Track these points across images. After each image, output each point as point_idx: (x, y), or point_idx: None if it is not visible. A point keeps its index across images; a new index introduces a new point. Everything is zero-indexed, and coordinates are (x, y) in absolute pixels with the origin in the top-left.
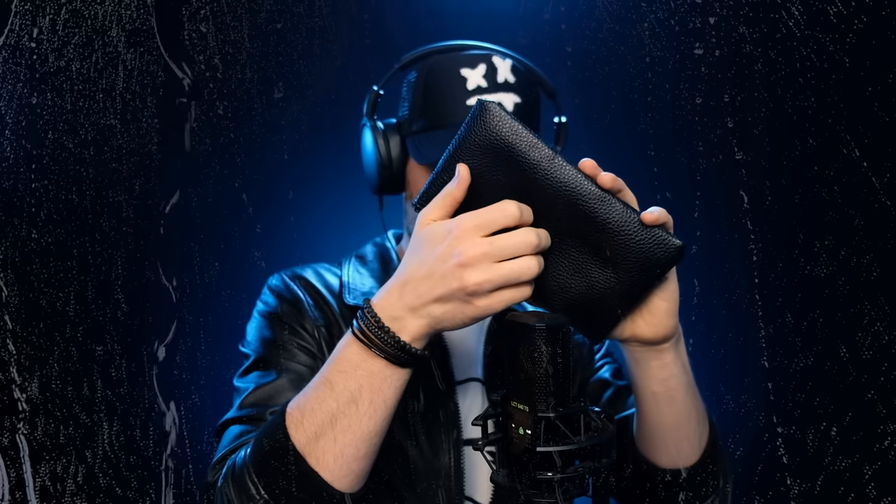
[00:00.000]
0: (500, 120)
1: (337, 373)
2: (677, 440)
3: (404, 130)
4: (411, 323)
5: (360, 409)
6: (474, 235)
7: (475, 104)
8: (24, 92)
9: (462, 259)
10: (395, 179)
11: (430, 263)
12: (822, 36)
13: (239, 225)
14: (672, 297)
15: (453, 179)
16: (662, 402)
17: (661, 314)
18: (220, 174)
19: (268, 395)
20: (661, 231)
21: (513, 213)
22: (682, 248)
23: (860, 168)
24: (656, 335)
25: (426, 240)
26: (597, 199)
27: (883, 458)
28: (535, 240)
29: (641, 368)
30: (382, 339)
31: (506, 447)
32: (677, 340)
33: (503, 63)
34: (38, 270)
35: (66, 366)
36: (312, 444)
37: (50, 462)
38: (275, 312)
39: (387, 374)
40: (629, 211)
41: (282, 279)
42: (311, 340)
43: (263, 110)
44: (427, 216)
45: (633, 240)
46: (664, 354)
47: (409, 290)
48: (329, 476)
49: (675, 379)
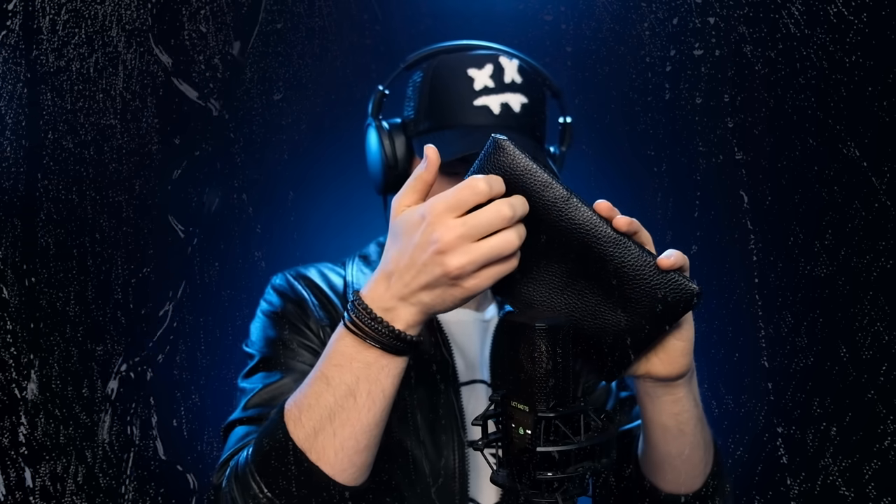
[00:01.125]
0: (513, 158)
1: (332, 367)
2: (683, 470)
3: (410, 131)
4: (403, 311)
5: (359, 402)
6: (447, 218)
7: (489, 141)
8: (23, 91)
9: (439, 245)
10: (400, 180)
11: (411, 252)
12: (823, 36)
13: (239, 225)
14: (688, 336)
15: (422, 162)
16: (672, 435)
17: (677, 353)
18: (221, 174)
19: (273, 395)
20: (677, 275)
21: (482, 188)
22: (698, 294)
23: (860, 168)
24: (671, 373)
25: (403, 228)
26: (612, 243)
27: (883, 458)
28: (509, 212)
29: (653, 402)
30: (376, 329)
31: (506, 447)
32: (691, 376)
33: (510, 63)
34: (39, 270)
35: (66, 366)
36: (312, 439)
37: (50, 462)
38: (279, 312)
39: (383, 364)
40: (645, 255)
41: (286, 279)
42: (316, 340)
43: (263, 110)
44: (401, 202)
45: (648, 284)
46: (677, 390)
47: (395, 280)
48: (330, 470)
49: (687, 413)
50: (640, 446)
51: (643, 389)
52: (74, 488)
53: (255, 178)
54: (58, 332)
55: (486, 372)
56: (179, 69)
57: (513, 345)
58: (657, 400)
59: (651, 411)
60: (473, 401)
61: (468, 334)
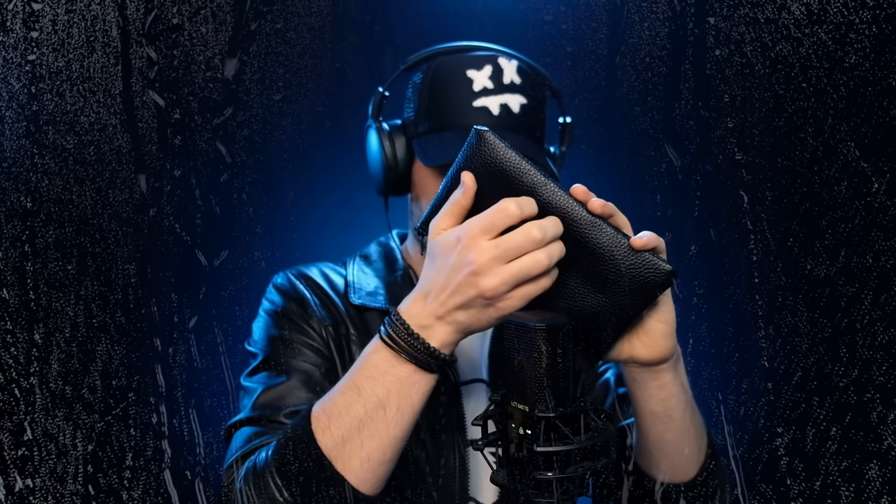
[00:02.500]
0: (493, 147)
1: (364, 378)
2: (675, 457)
3: (410, 132)
4: (440, 330)
5: (388, 415)
6: (481, 240)
7: (471, 132)
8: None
9: (474, 267)
10: (401, 180)
11: (447, 274)
12: (823, 35)
13: (239, 225)
14: (668, 318)
15: (459, 188)
16: (661, 421)
17: (658, 336)
18: (221, 174)
19: (278, 395)
20: (650, 255)
21: (512, 211)
22: (672, 273)
23: (860, 168)
24: (653, 357)
25: (440, 249)
26: (587, 224)
27: (883, 458)
28: (539, 234)
29: (640, 388)
30: (412, 345)
31: (506, 447)
32: (676, 361)
33: (509, 64)
34: (39, 270)
35: (67, 366)
36: (339, 448)
37: (49, 462)
38: (281, 311)
39: (415, 380)
40: (619, 236)
41: (287, 278)
42: (319, 339)
43: (263, 110)
44: (438, 226)
45: (623, 264)
46: (662, 375)
47: (431, 299)
48: (355, 480)
49: (674, 399)
50: (635, 439)
51: (630, 376)
52: (74, 489)
53: (255, 178)
54: (58, 332)
55: (485, 371)
56: (180, 69)
57: (512, 345)
58: (644, 386)
59: (639, 398)
60: (474, 400)
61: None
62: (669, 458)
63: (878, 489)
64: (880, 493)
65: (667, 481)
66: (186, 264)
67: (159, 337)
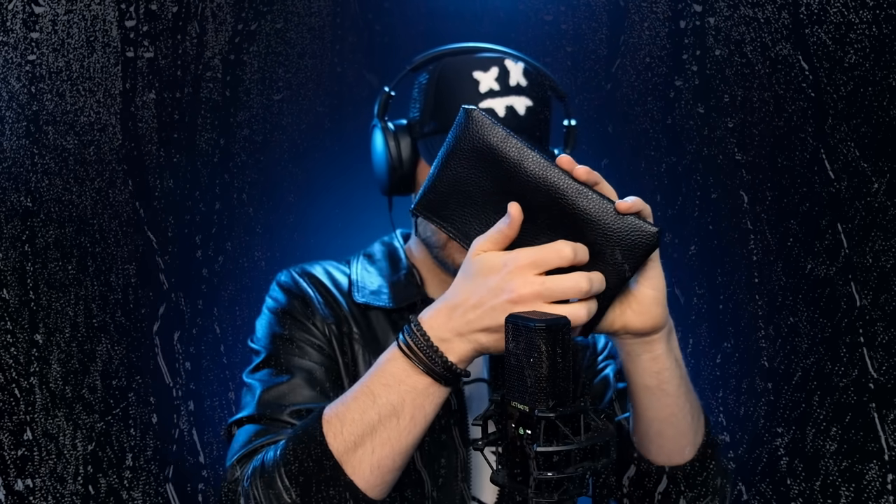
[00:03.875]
0: (482, 125)
1: (380, 385)
2: (672, 436)
3: (415, 132)
4: (458, 346)
5: (401, 423)
6: (528, 273)
7: (460, 112)
8: (23, 91)
9: (514, 296)
10: (405, 180)
11: (483, 294)
12: (823, 35)
13: (239, 225)
14: (658, 284)
15: (505, 218)
16: (656, 396)
17: (649, 303)
18: (221, 174)
19: (281, 393)
20: (635, 219)
21: (567, 254)
22: (657, 234)
23: (860, 168)
24: (645, 325)
25: (481, 268)
26: (573, 193)
27: (883, 458)
28: (587, 286)
29: (634, 362)
30: (431, 357)
31: (506, 447)
32: (668, 332)
33: (515, 66)
34: (39, 270)
35: (67, 366)
36: (350, 452)
37: (49, 462)
38: (285, 309)
39: (430, 392)
40: (605, 201)
41: (291, 276)
42: (322, 337)
43: (263, 110)
44: (480, 247)
45: (609, 229)
46: (655, 346)
47: (458, 315)
48: (364, 485)
49: (668, 371)
50: (632, 422)
51: (624, 350)
52: (74, 489)
53: (255, 178)
54: (57, 332)
55: (487, 371)
56: (180, 69)
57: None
58: (637, 359)
59: (633, 373)
60: (476, 400)
61: None
62: (666, 438)
63: (878, 489)
64: (880, 493)
65: (665, 464)
66: (186, 264)
67: (159, 337)
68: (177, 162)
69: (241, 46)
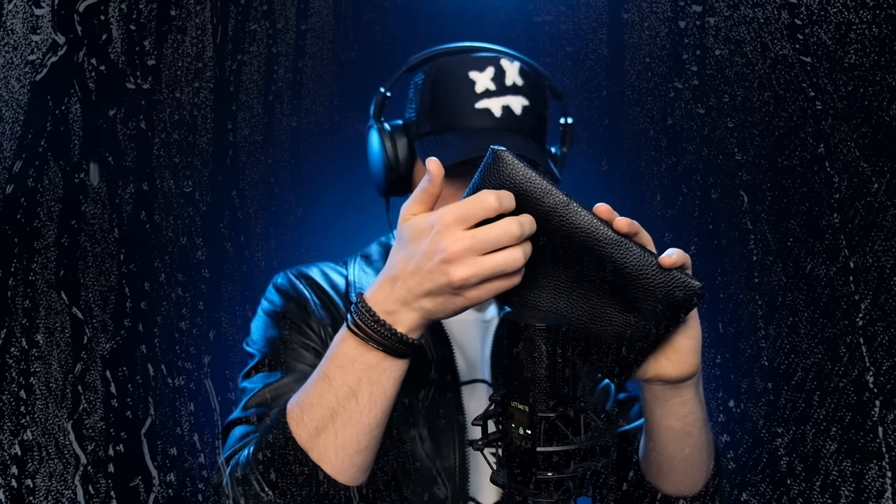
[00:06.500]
0: (513, 168)
1: (335, 368)
2: (688, 472)
3: (412, 133)
4: (406, 315)
5: (360, 403)
6: (456, 229)
7: (488, 153)
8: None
9: (446, 255)
10: (402, 181)
11: (417, 259)
12: (823, 35)
13: (239, 225)
14: (695, 334)
15: (425, 177)
16: (680, 438)
17: (686, 353)
18: (221, 174)
19: (273, 395)
20: (679, 273)
21: (492, 203)
22: (701, 290)
23: (860, 168)
24: (681, 374)
25: (410, 234)
26: (613, 245)
27: (883, 459)
28: (518, 230)
29: (661, 406)
30: (379, 332)
31: (506, 447)
32: (698, 377)
33: (511, 66)
34: (38, 270)
35: (67, 366)
36: (314, 439)
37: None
38: (281, 311)
39: (385, 367)
40: (647, 255)
41: (287, 278)
42: (318, 340)
43: (263, 110)
44: (408, 210)
45: (652, 283)
46: (685, 392)
47: (399, 285)
48: (332, 470)
49: (694, 415)
50: (642, 449)
51: (651, 393)
52: (74, 489)
53: (255, 178)
54: (57, 332)
55: (487, 371)
56: (180, 68)
57: (513, 345)
58: (665, 403)
59: (659, 415)
60: (475, 400)
61: (469, 334)
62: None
63: (878, 489)
64: (880, 493)
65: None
66: (186, 264)
67: (159, 337)
68: (177, 162)
69: (242, 46)
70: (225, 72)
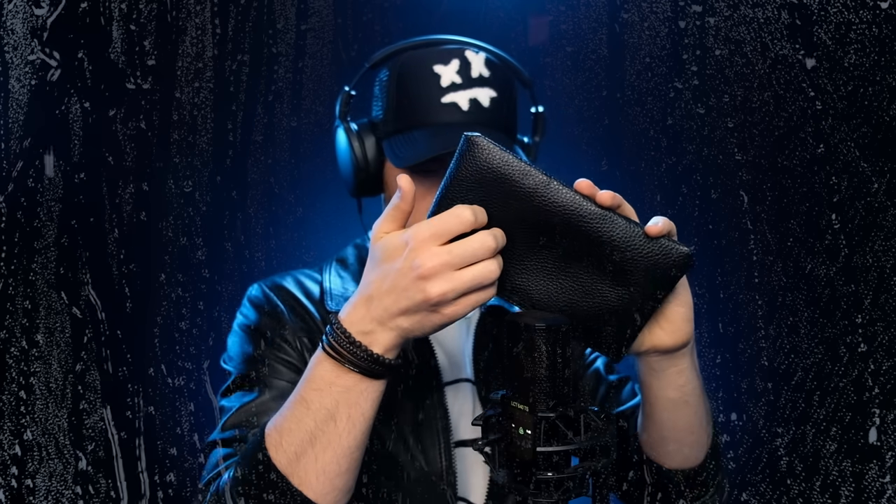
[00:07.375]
0: (489, 153)
1: (312, 391)
2: (688, 443)
3: (379, 131)
4: (382, 336)
5: (339, 426)
6: (431, 245)
7: (461, 140)
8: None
9: (422, 271)
10: (373, 181)
11: (393, 277)
12: (823, 35)
13: (239, 225)
14: (687, 301)
15: (396, 193)
16: (678, 408)
17: (679, 320)
18: (220, 174)
19: (251, 414)
20: (666, 240)
21: (467, 217)
22: (690, 255)
23: (860, 168)
24: (676, 342)
25: (384, 253)
26: (598, 218)
27: (883, 458)
28: (493, 243)
29: (658, 377)
30: (354, 353)
31: (506, 447)
32: (692, 345)
33: (476, 57)
34: (39, 270)
35: (67, 365)
36: (294, 464)
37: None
38: (255, 326)
39: (362, 388)
40: (632, 225)
41: (262, 290)
42: (294, 353)
43: (263, 110)
44: (380, 228)
45: (640, 253)
46: (681, 360)
47: (374, 304)
48: (313, 494)
49: (691, 384)
50: (640, 424)
51: (647, 366)
52: (74, 489)
53: (255, 178)
54: (57, 332)
55: (470, 370)
56: (179, 68)
57: (513, 345)
58: (662, 374)
59: (656, 387)
60: (459, 400)
61: (450, 333)
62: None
63: (878, 489)
64: (880, 493)
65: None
66: (186, 264)
67: (159, 337)
68: (177, 162)
69: (241, 46)
70: (225, 72)
